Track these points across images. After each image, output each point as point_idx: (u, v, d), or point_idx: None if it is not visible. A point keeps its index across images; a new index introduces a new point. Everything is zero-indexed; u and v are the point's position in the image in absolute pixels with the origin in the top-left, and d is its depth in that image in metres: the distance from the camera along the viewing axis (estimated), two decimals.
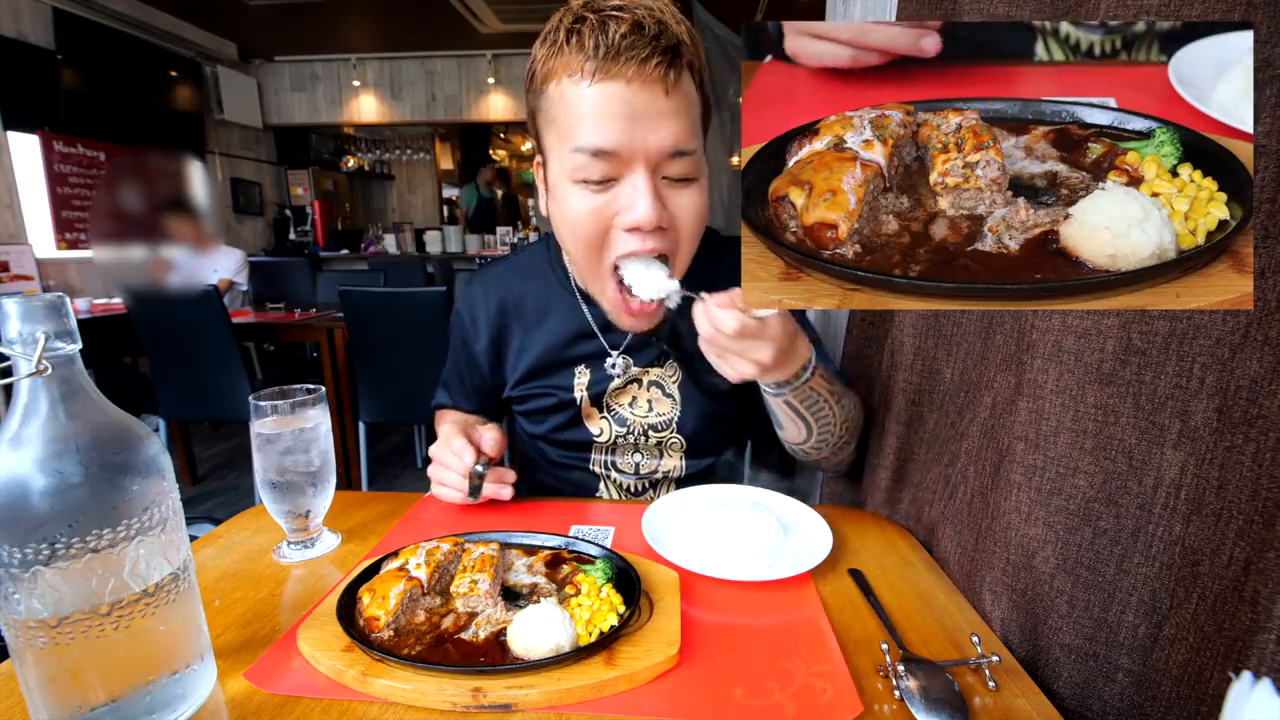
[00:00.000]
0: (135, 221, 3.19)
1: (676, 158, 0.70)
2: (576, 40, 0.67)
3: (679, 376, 0.92)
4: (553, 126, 0.73)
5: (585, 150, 0.69)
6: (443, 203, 7.80)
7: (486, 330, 0.96)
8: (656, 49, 0.66)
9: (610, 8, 0.67)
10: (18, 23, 3.86)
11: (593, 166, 0.70)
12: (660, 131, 0.68)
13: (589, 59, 0.66)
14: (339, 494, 0.76)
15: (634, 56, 0.65)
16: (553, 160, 0.75)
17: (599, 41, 0.65)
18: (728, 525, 0.70)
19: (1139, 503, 0.50)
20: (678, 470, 0.95)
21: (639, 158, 0.69)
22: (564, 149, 0.71)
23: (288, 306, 3.42)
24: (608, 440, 0.94)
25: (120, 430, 0.44)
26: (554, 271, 0.94)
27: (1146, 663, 0.51)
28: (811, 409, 0.75)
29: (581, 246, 0.76)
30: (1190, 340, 0.47)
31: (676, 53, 0.68)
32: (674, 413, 0.92)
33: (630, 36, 0.65)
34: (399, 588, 0.55)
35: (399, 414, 2.58)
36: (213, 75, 5.43)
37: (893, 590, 0.64)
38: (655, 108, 0.68)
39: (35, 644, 0.40)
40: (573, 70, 0.68)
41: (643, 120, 0.68)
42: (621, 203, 0.71)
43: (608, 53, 0.65)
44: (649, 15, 0.67)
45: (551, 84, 0.70)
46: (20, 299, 0.41)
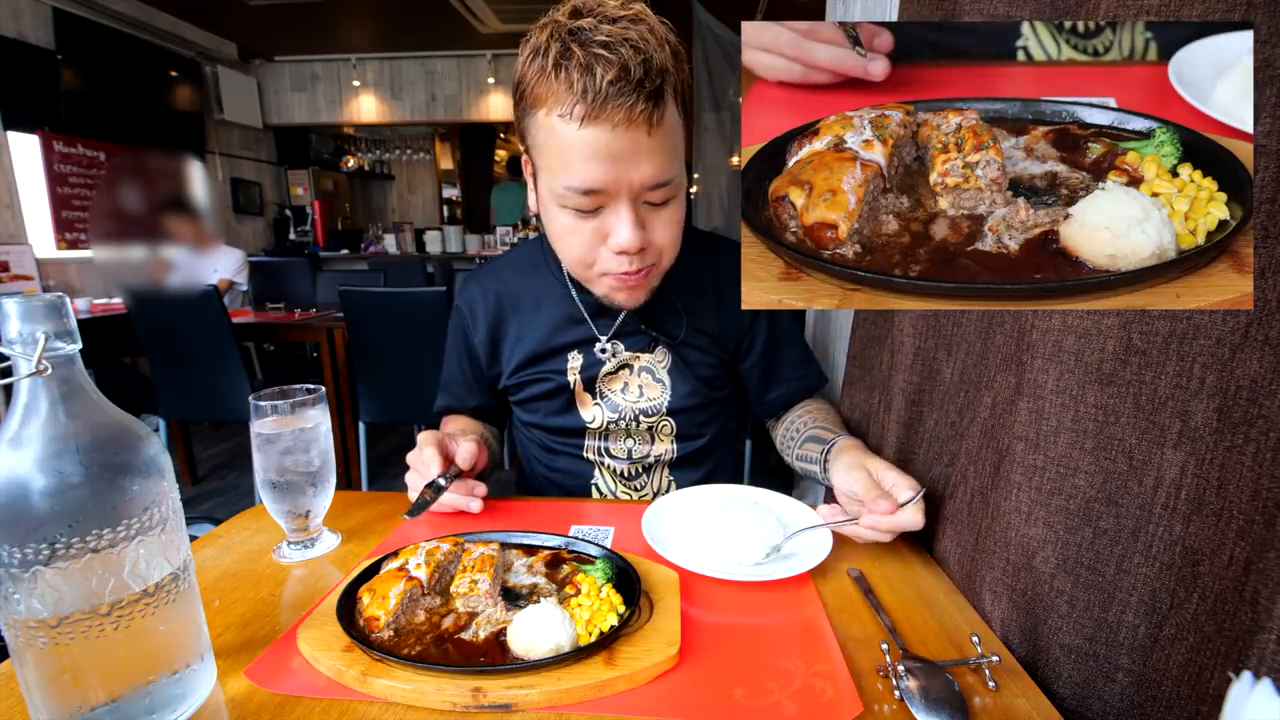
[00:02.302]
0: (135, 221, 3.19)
1: (657, 188, 0.74)
2: (564, 76, 0.68)
3: (669, 362, 0.95)
4: (541, 150, 0.75)
5: (575, 189, 0.72)
6: (443, 203, 7.80)
7: (485, 322, 0.98)
8: (642, 94, 0.67)
9: (597, 44, 0.67)
10: (18, 23, 3.85)
11: (580, 200, 0.73)
12: (642, 168, 0.71)
13: (578, 102, 0.67)
14: (339, 494, 0.76)
15: (620, 104, 0.67)
16: (542, 178, 0.78)
17: (586, 86, 0.66)
18: (728, 525, 0.70)
19: (1139, 503, 0.50)
20: (669, 454, 0.97)
21: (623, 191, 0.73)
22: (553, 177, 0.74)
23: (288, 306, 3.42)
24: (600, 426, 0.96)
25: (120, 430, 0.44)
26: (547, 264, 0.97)
27: (1146, 663, 0.51)
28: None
29: (571, 258, 0.82)
30: (1190, 340, 0.47)
31: (660, 92, 0.69)
32: (664, 398, 0.94)
33: (617, 83, 0.66)
34: (399, 588, 0.55)
35: (399, 414, 2.58)
36: (213, 75, 5.43)
37: (893, 590, 0.64)
38: (638, 146, 0.70)
39: (35, 644, 0.40)
40: (561, 107, 0.69)
41: (627, 160, 0.70)
42: (608, 228, 0.76)
43: (595, 99, 0.66)
44: (635, 56, 0.67)
45: (540, 111, 0.72)
46: (20, 299, 0.41)
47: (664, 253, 0.81)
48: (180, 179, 3.92)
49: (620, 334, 0.94)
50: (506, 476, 2.92)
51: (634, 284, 0.81)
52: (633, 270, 0.79)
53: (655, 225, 0.78)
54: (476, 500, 0.79)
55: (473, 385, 1.03)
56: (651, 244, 0.78)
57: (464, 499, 0.78)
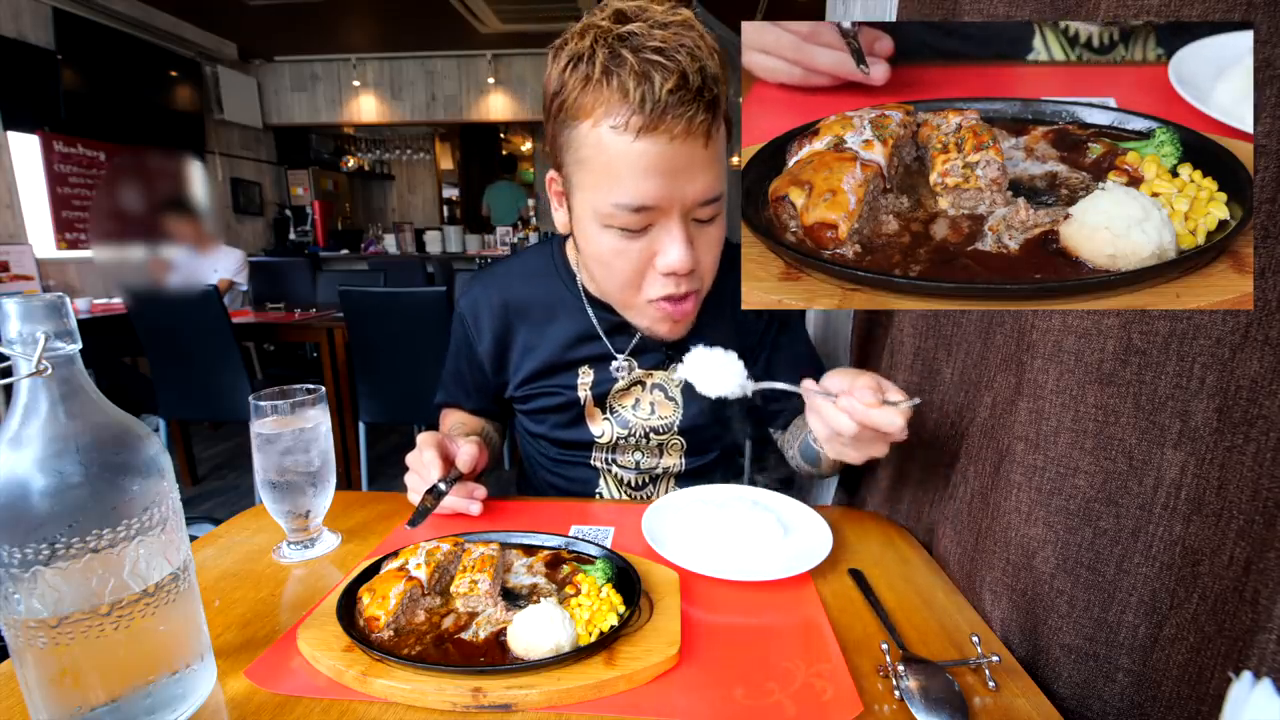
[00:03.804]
0: (135, 221, 3.19)
1: (708, 204, 0.71)
2: (618, 84, 0.64)
3: (682, 380, 0.92)
4: (584, 166, 0.71)
5: (626, 206, 0.68)
6: (443, 203, 7.80)
7: (490, 331, 0.95)
8: (702, 104, 0.64)
9: (650, 49, 0.63)
10: (18, 23, 3.85)
11: (629, 218, 0.69)
12: (697, 183, 0.68)
13: (635, 113, 0.64)
14: (339, 494, 0.76)
15: (681, 114, 0.63)
16: (581, 196, 0.73)
17: (645, 95, 0.62)
18: (728, 525, 0.70)
19: (1139, 503, 0.50)
20: (677, 466, 0.96)
21: (675, 208, 0.69)
22: (598, 194, 0.70)
23: (288, 306, 3.42)
24: (609, 441, 0.94)
25: (120, 430, 0.44)
26: (559, 274, 0.94)
27: (1146, 663, 0.51)
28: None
29: (615, 284, 0.78)
30: (1190, 340, 0.47)
31: (717, 102, 0.66)
32: (676, 415, 0.92)
33: (678, 92, 0.63)
34: (399, 588, 0.55)
35: (399, 414, 2.58)
36: (213, 75, 5.43)
37: (893, 590, 0.64)
38: (695, 160, 0.67)
39: (35, 644, 0.40)
40: (615, 118, 0.65)
41: (683, 174, 0.67)
42: (656, 248, 0.72)
43: (655, 108, 0.63)
44: (692, 63, 0.63)
45: (586, 122, 0.67)
46: (20, 299, 0.41)
47: (705, 277, 0.78)
48: (180, 179, 3.93)
49: (636, 351, 0.91)
50: (507, 476, 2.93)
51: (679, 315, 0.77)
52: (679, 294, 0.74)
53: (702, 245, 0.74)
54: (476, 503, 0.78)
55: (472, 390, 1.01)
56: (699, 265, 0.74)
57: (464, 502, 0.78)
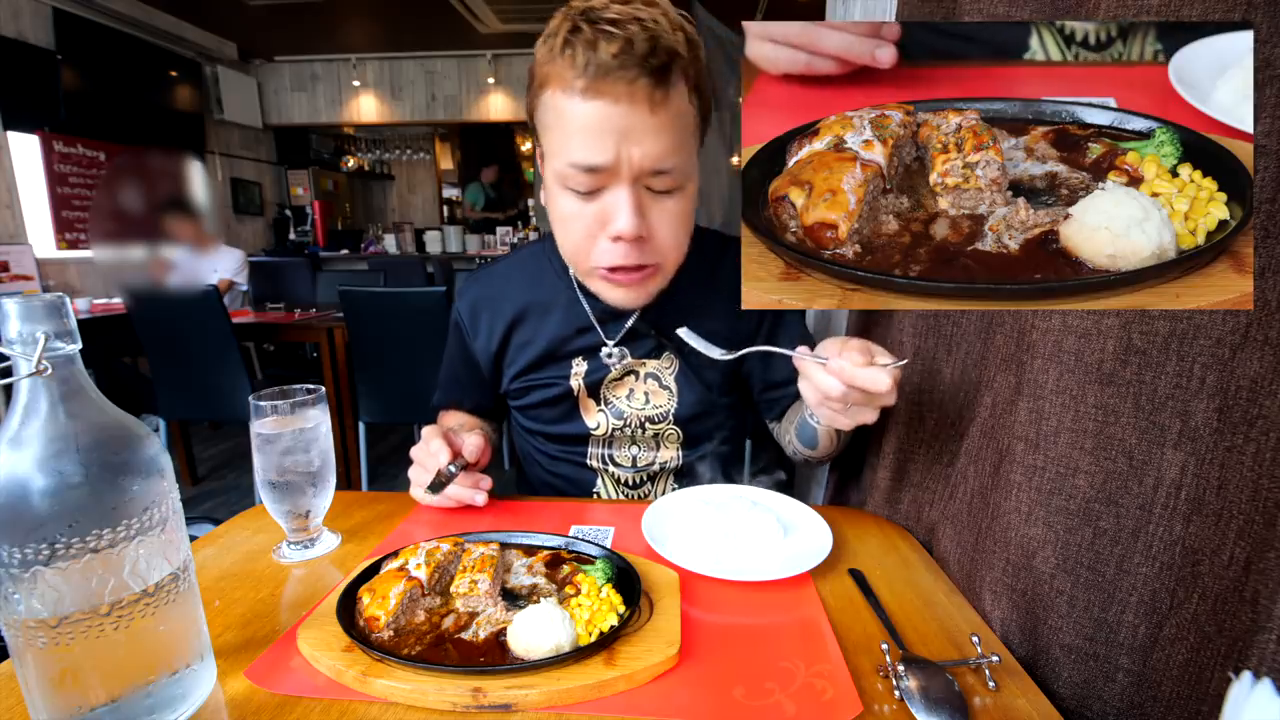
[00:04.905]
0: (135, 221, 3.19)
1: (659, 174, 0.73)
2: (571, 52, 0.68)
3: (676, 368, 0.93)
4: (548, 132, 0.75)
5: (574, 165, 0.72)
6: (443, 203, 7.80)
7: (486, 329, 0.96)
8: (645, 69, 0.67)
9: (606, 20, 0.67)
10: (18, 23, 3.85)
11: (581, 178, 0.73)
12: (643, 147, 0.71)
13: (579, 75, 0.68)
14: (339, 494, 0.76)
15: (622, 76, 0.67)
16: (548, 163, 0.77)
17: (589, 59, 0.67)
18: (728, 525, 0.70)
19: (1139, 503, 0.50)
20: (674, 461, 0.96)
21: (623, 171, 0.72)
22: (557, 158, 0.74)
23: (288, 306, 3.42)
24: (604, 433, 0.94)
25: (120, 430, 0.44)
26: (553, 268, 0.95)
27: (1146, 663, 0.51)
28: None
29: (570, 246, 0.81)
30: (1190, 340, 0.47)
31: (666, 69, 0.69)
32: (671, 404, 0.93)
33: (620, 56, 0.66)
34: (399, 588, 0.55)
35: (399, 414, 2.58)
36: (213, 75, 5.43)
37: (893, 590, 0.64)
38: (640, 125, 0.70)
39: (35, 644, 0.40)
40: (565, 83, 0.70)
41: (627, 136, 0.70)
42: (608, 214, 0.75)
43: (597, 71, 0.67)
44: (640, 33, 0.67)
45: (547, 91, 0.72)
46: (20, 299, 0.41)
47: (667, 253, 0.80)
48: (180, 179, 3.93)
49: (627, 339, 0.92)
50: (507, 477, 2.92)
51: (628, 281, 0.79)
52: (629, 265, 0.77)
53: (657, 217, 0.76)
54: (482, 493, 0.79)
55: (469, 388, 1.02)
56: (653, 237, 0.77)
57: (469, 491, 0.79)
